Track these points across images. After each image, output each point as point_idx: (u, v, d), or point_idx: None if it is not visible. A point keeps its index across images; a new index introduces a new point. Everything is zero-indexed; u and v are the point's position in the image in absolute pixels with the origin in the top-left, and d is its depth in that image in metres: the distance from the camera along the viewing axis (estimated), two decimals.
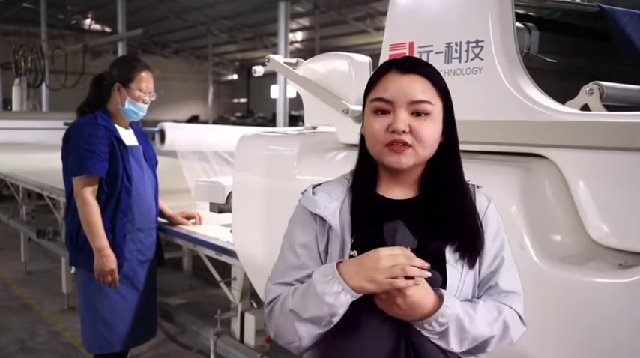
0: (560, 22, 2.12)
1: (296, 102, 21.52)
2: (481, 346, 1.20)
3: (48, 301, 5.22)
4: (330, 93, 2.30)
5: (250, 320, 2.86)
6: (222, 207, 2.94)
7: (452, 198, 1.23)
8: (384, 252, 1.11)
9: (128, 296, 2.84)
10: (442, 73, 1.76)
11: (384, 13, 13.49)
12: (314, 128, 2.61)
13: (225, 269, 3.01)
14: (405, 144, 1.18)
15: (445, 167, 1.25)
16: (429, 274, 1.11)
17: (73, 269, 2.95)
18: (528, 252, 1.48)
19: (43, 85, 13.81)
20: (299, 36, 20.42)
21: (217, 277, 2.97)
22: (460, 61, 1.76)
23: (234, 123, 19.31)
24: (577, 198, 1.53)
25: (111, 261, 2.70)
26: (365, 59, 2.34)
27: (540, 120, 1.58)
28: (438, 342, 1.16)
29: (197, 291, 4.91)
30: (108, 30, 20.67)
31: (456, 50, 1.77)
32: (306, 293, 1.15)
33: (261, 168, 2.43)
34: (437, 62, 1.80)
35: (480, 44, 1.71)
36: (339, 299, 1.11)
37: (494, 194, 1.54)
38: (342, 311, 1.13)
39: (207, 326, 3.10)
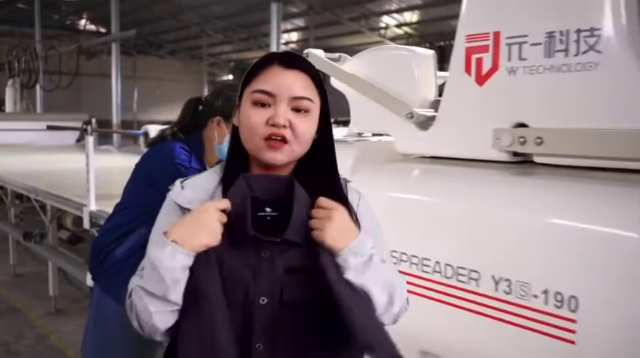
0: None
1: None
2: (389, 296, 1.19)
3: (35, 304, 5.20)
4: (388, 94, 1.98)
5: None
6: None
7: (324, 191, 1.22)
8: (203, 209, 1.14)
9: (137, 338, 2.61)
10: (541, 69, 1.53)
11: (379, 14, 13.40)
12: (359, 135, 2.37)
13: None
14: (284, 139, 1.17)
15: (319, 163, 1.25)
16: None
17: (89, 282, 2.65)
18: None
19: (38, 86, 13.80)
20: (294, 36, 20.40)
21: None
22: (567, 55, 1.43)
23: None
24: None
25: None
26: (429, 52, 2.06)
27: None
28: (362, 277, 1.14)
29: None
30: (103, 30, 20.61)
31: (561, 41, 1.44)
32: (148, 268, 1.16)
33: None
34: (534, 55, 1.50)
35: (595, 33, 1.37)
36: (175, 261, 1.11)
37: (619, 223, 1.29)
38: (182, 276, 1.11)
39: None
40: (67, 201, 4.21)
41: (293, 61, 1.22)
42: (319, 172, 1.25)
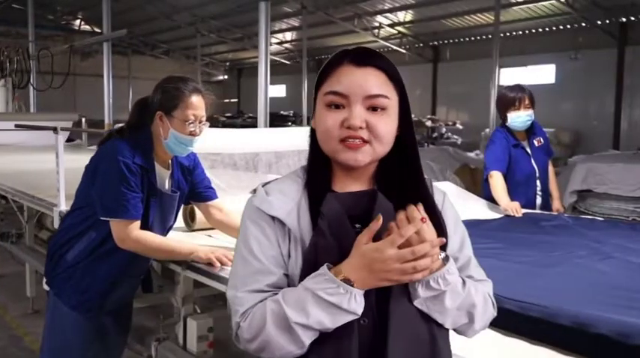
0: None
1: (282, 102, 21.45)
2: (468, 318, 1.18)
3: (13, 305, 5.19)
4: None
5: (192, 325, 2.81)
6: None
7: (411, 192, 1.19)
8: (388, 251, 1.06)
9: (95, 344, 2.57)
10: None
11: (372, 13, 13.38)
12: None
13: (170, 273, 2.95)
14: (362, 140, 1.13)
15: (402, 161, 1.21)
16: (437, 243, 1.10)
17: (45, 286, 2.63)
18: None
19: (31, 87, 13.77)
20: (289, 36, 20.35)
21: (159, 281, 2.93)
22: None
23: (223, 124, 19.24)
24: None
25: (209, 252, 2.38)
26: None
27: None
28: (433, 306, 1.14)
29: (165, 294, 4.85)
30: (98, 30, 20.57)
31: None
32: (325, 309, 1.09)
33: None
34: None
35: None
36: (360, 304, 1.09)
37: None
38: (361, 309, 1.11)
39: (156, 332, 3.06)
40: (40, 200, 4.20)
41: (365, 57, 1.18)
42: (403, 170, 1.21)
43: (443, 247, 1.17)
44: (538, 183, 4.00)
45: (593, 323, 1.54)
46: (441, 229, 1.19)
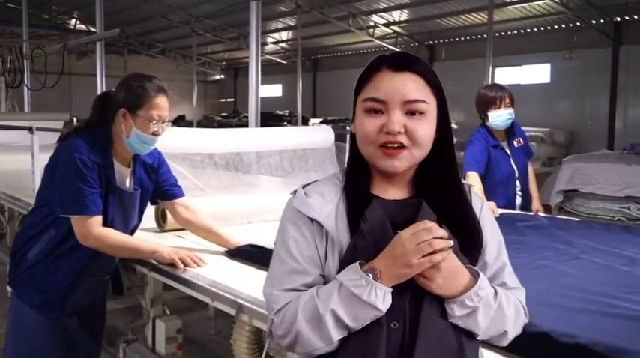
0: None
1: (278, 101, 21.43)
2: (500, 328, 1.18)
3: None
4: None
5: (161, 327, 2.80)
6: None
7: (450, 197, 1.20)
8: (405, 234, 1.09)
9: (60, 345, 2.54)
10: None
11: (367, 13, 13.29)
12: None
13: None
14: (400, 145, 1.14)
15: (440, 164, 1.22)
16: (451, 243, 1.11)
17: (8, 287, 2.61)
18: None
19: (25, 86, 13.76)
20: (284, 35, 20.32)
21: (127, 283, 2.91)
22: None
23: (219, 123, 19.21)
24: None
25: (172, 253, 2.40)
26: None
27: None
28: (467, 323, 1.14)
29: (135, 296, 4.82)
30: (93, 30, 20.55)
31: None
32: (348, 301, 1.11)
33: None
34: None
35: None
36: (381, 299, 1.10)
37: None
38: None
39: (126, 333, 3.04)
40: (17, 200, 4.19)
41: (403, 62, 1.19)
42: (441, 175, 1.22)
43: (479, 252, 1.21)
44: (518, 183, 3.99)
45: (537, 323, 1.53)
46: (478, 235, 1.21)
